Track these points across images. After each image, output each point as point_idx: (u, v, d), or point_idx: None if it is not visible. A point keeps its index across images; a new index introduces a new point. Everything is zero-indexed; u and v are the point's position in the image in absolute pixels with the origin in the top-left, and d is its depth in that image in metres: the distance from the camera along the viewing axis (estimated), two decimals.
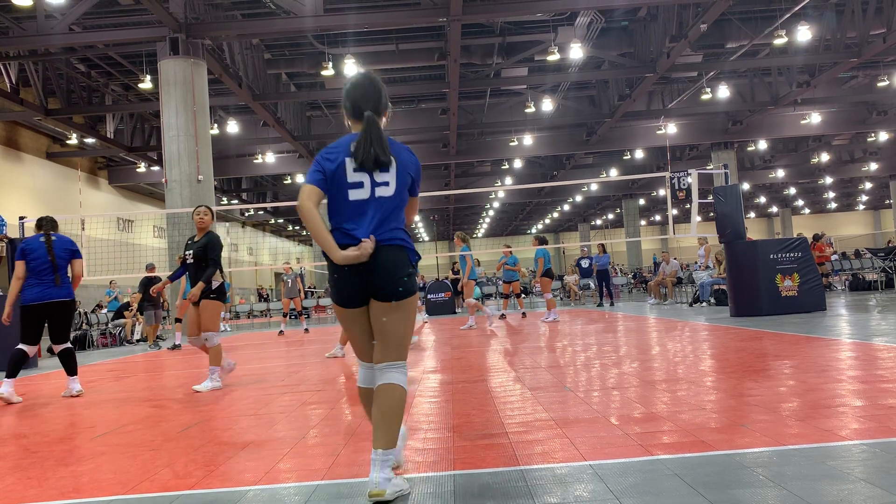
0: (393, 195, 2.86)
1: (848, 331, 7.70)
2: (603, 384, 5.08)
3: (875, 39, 20.14)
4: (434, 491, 2.75)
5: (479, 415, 4.22)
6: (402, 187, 2.88)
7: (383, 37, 21.26)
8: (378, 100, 2.91)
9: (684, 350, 6.95)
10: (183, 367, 9.26)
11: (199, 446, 3.87)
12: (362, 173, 2.82)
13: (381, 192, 2.84)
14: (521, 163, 33.93)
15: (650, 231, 63.42)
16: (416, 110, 28.18)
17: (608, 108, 26.29)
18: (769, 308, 10.72)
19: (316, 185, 2.80)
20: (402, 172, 2.88)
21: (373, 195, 2.83)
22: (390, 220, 2.85)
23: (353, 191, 2.83)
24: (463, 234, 13.01)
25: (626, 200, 44.82)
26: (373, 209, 2.83)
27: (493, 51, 22.12)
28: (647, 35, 21.25)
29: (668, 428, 3.49)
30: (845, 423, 3.31)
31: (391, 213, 2.85)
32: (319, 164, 2.83)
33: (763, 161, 40.02)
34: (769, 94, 26.24)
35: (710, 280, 15.71)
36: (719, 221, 11.24)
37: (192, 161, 16.75)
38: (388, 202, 2.85)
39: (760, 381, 4.70)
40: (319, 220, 2.75)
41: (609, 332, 10.01)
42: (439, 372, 6.55)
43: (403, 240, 2.86)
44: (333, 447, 3.61)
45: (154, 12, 15.38)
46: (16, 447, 4.27)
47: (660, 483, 2.61)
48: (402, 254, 2.84)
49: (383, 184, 2.85)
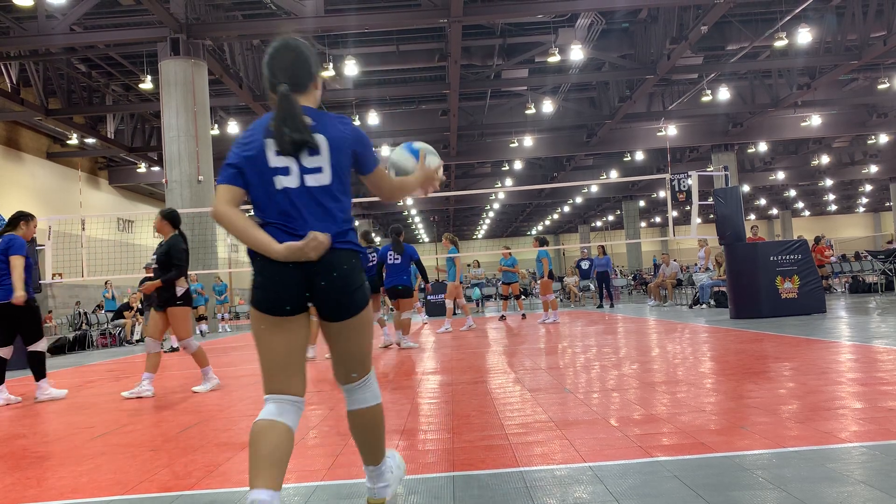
0: (329, 183, 2.33)
1: (848, 333, 7.70)
2: (603, 386, 5.08)
3: (875, 42, 20.16)
4: (434, 492, 2.74)
5: (478, 416, 4.21)
6: (340, 171, 2.35)
7: (384, 38, 21.27)
8: (296, 70, 2.42)
9: (684, 352, 6.94)
10: (182, 367, 9.26)
11: (198, 447, 3.87)
12: (287, 158, 2.31)
13: (312, 181, 2.32)
14: (521, 164, 33.95)
15: (650, 233, 63.42)
16: (416, 111, 28.19)
17: (608, 109, 26.30)
18: (769, 310, 10.72)
19: (229, 182, 2.31)
20: (338, 152, 2.34)
21: (303, 184, 2.31)
22: (333, 216, 2.33)
23: (279, 178, 2.31)
24: (452, 235, 13.04)
25: (627, 202, 44.83)
26: (305, 202, 2.31)
27: (493, 52, 22.13)
28: (647, 37, 21.27)
29: (667, 430, 3.49)
30: (845, 426, 3.31)
31: (332, 206, 2.33)
32: (233, 157, 2.33)
33: (763, 163, 40.04)
34: (769, 96, 26.25)
35: (710, 282, 15.71)
36: (719, 223, 11.24)
37: (192, 161, 16.76)
38: (323, 193, 2.32)
39: (760, 383, 4.69)
40: (240, 217, 2.28)
41: (609, 333, 10.00)
42: (439, 373, 6.55)
43: (353, 241, 2.39)
44: (333, 448, 3.61)
45: (155, 13, 15.40)
46: (15, 447, 4.26)
47: (659, 485, 2.61)
48: (353, 259, 2.35)
49: (314, 170, 2.32)
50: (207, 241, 16.95)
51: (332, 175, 2.33)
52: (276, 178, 2.31)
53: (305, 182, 2.31)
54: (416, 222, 55.91)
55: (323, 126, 2.36)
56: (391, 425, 4.10)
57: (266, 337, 2.33)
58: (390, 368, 7.27)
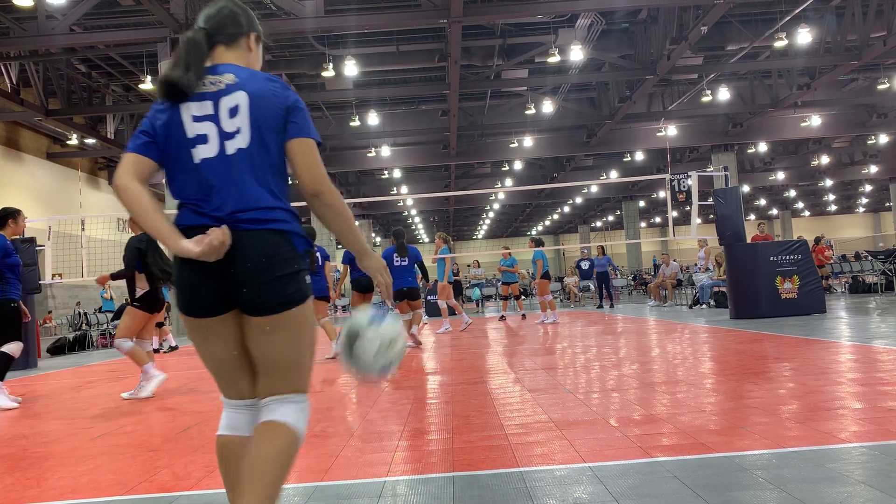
0: (248, 146, 1.95)
1: (848, 333, 7.70)
2: (602, 386, 5.08)
3: (875, 42, 20.15)
4: (434, 492, 2.74)
5: (478, 416, 4.21)
6: (263, 132, 1.96)
7: (384, 38, 21.27)
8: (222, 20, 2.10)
9: (684, 352, 6.94)
10: (182, 368, 9.26)
11: (198, 447, 3.87)
12: (206, 123, 1.96)
13: (232, 146, 1.95)
14: (521, 164, 33.94)
15: (650, 233, 63.42)
16: (416, 112, 28.20)
17: (608, 109, 26.31)
18: (769, 310, 10.72)
19: (138, 151, 1.97)
20: (260, 108, 1.97)
21: (222, 151, 1.95)
22: (253, 189, 1.94)
23: (197, 148, 1.96)
24: (444, 235, 13.04)
25: (626, 202, 44.81)
26: (222, 174, 1.94)
27: (493, 52, 22.13)
28: (647, 37, 21.27)
29: (667, 430, 3.49)
30: (845, 426, 3.31)
31: (253, 176, 1.95)
32: (146, 123, 2.01)
33: (763, 163, 40.04)
34: (769, 97, 26.25)
35: (710, 282, 15.71)
36: (719, 224, 11.25)
37: None
38: (242, 160, 1.94)
39: (760, 383, 4.69)
40: (143, 196, 1.95)
41: (609, 333, 10.00)
42: (439, 373, 6.55)
43: (281, 220, 1.96)
44: (333, 448, 3.61)
45: (154, 13, 15.40)
46: (15, 447, 4.26)
47: (659, 485, 2.61)
48: (280, 241, 1.95)
49: (233, 133, 1.95)
50: None
51: (252, 135, 1.95)
52: (195, 149, 1.96)
53: (225, 149, 1.95)
54: (416, 223, 55.90)
55: (244, 82, 1.99)
56: (392, 425, 4.09)
57: (197, 342, 2.04)
58: None
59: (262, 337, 1.97)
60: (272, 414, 1.99)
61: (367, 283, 9.83)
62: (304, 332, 2.01)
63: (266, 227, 1.95)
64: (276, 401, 2.00)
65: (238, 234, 1.93)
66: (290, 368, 2.00)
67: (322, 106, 27.53)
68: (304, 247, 2.03)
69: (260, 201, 1.96)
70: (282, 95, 2.01)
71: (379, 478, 2.98)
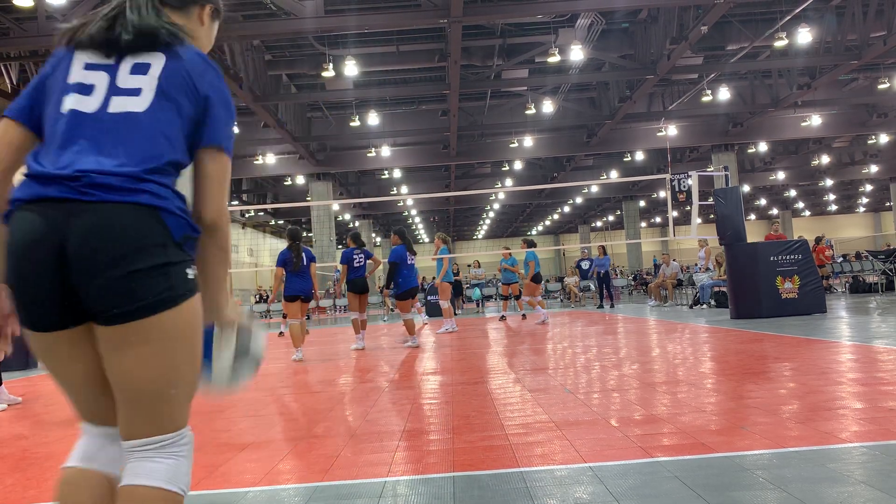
0: (143, 111, 1.52)
1: (848, 333, 7.70)
2: (603, 386, 5.08)
3: (875, 42, 20.15)
4: (434, 492, 2.74)
5: (478, 416, 4.21)
6: (167, 103, 1.54)
7: (384, 38, 21.28)
8: None
9: (684, 352, 6.94)
10: None
11: (198, 447, 3.87)
12: (98, 72, 1.55)
13: (120, 105, 1.52)
14: (521, 164, 33.95)
15: (650, 233, 63.43)
16: (416, 112, 28.21)
17: (608, 109, 26.32)
18: (769, 310, 10.72)
19: (10, 115, 1.58)
20: (175, 80, 1.55)
21: (103, 108, 1.52)
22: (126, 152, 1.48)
23: (71, 96, 1.53)
24: (444, 235, 13.05)
25: (627, 202, 44.82)
26: (94, 131, 1.50)
27: (493, 52, 22.14)
28: (647, 37, 21.27)
29: (668, 430, 3.49)
30: (845, 426, 3.31)
31: (135, 143, 1.49)
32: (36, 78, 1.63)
33: (763, 163, 40.04)
34: (769, 97, 26.26)
35: (711, 282, 15.71)
36: (719, 223, 11.25)
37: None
38: (126, 124, 1.51)
39: (760, 383, 4.69)
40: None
41: (609, 333, 10.00)
42: (439, 374, 6.55)
43: (153, 193, 1.47)
44: (333, 448, 3.61)
45: None
46: (15, 448, 4.26)
47: (659, 485, 2.60)
48: (146, 220, 1.45)
49: (129, 91, 1.53)
50: None
51: (155, 102, 1.53)
52: (67, 97, 1.53)
53: (108, 106, 1.53)
54: (416, 223, 55.92)
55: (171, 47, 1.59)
56: (392, 425, 4.09)
57: (43, 359, 1.57)
58: (391, 368, 7.27)
59: (115, 355, 1.45)
60: (136, 475, 1.48)
61: (363, 285, 9.85)
62: (178, 347, 1.48)
63: (129, 198, 1.44)
64: (140, 451, 1.49)
65: (84, 206, 1.42)
66: (156, 400, 1.48)
67: (322, 106, 27.54)
68: (183, 231, 1.51)
69: (127, 166, 1.46)
70: (209, 81, 1.60)
71: (379, 478, 2.98)
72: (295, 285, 9.00)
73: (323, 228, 30.99)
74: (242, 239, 47.73)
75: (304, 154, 28.40)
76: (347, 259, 9.76)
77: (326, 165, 30.32)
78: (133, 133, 1.51)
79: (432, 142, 30.36)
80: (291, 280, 9.00)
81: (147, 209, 1.46)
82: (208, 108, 1.60)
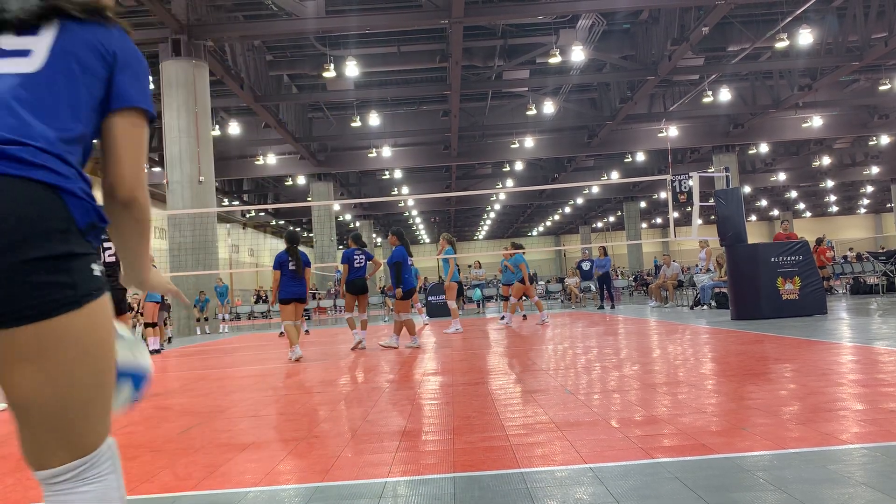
0: (34, 74, 1.28)
1: (849, 334, 7.69)
2: (603, 387, 5.08)
3: (877, 43, 20.16)
4: (434, 493, 2.74)
5: (479, 417, 4.21)
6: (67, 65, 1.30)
7: (385, 39, 21.30)
8: None
9: (685, 353, 6.94)
10: (182, 368, 9.27)
11: (199, 447, 3.87)
12: None
13: (6, 66, 1.28)
14: (522, 165, 33.97)
15: (651, 234, 63.43)
16: (417, 112, 28.23)
17: (609, 110, 26.33)
18: (770, 311, 10.71)
19: None
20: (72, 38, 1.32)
21: None
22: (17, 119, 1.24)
23: None
24: (449, 235, 13.03)
25: (627, 203, 44.86)
26: None
27: (494, 53, 22.16)
28: (648, 38, 21.28)
29: (668, 431, 3.48)
30: (846, 427, 3.31)
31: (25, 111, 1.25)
32: None
33: (764, 164, 40.06)
34: (770, 98, 26.27)
35: (711, 283, 15.71)
36: (720, 224, 11.25)
37: (193, 162, 16.79)
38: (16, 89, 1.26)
39: (761, 384, 4.69)
40: None
41: (610, 334, 10.00)
42: (439, 374, 6.55)
43: (54, 170, 1.23)
44: (334, 448, 3.61)
45: (156, 14, 15.41)
46: (15, 448, 4.27)
47: (660, 486, 2.60)
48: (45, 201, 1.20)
49: (16, 53, 1.29)
50: (208, 242, 16.96)
51: (48, 64, 1.29)
52: None
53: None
54: (417, 223, 55.93)
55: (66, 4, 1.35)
56: (392, 426, 4.09)
57: None
58: (392, 369, 7.27)
59: (4, 368, 1.19)
60: None
61: (363, 285, 9.85)
62: (81, 358, 1.23)
63: (24, 173, 1.19)
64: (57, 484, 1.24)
65: None
66: (61, 421, 1.22)
67: (323, 106, 27.56)
68: (89, 218, 1.26)
69: (21, 132, 1.23)
70: (116, 37, 1.38)
71: (380, 478, 2.98)
72: (290, 288, 9.04)
73: (323, 229, 31.02)
74: (243, 239, 47.74)
75: (304, 154, 28.42)
76: (348, 259, 9.79)
77: (327, 166, 30.35)
78: (27, 103, 1.26)
79: (433, 142, 30.38)
80: (286, 283, 9.03)
81: (43, 187, 1.20)
82: (114, 68, 1.35)
